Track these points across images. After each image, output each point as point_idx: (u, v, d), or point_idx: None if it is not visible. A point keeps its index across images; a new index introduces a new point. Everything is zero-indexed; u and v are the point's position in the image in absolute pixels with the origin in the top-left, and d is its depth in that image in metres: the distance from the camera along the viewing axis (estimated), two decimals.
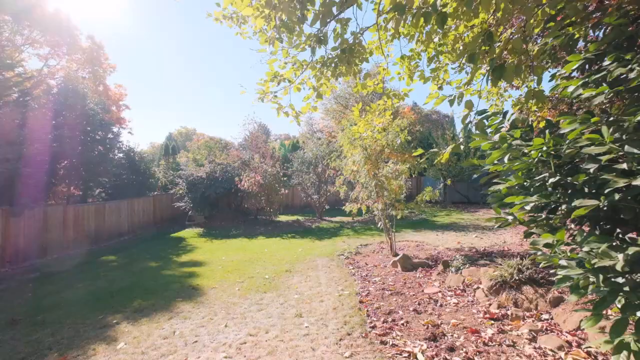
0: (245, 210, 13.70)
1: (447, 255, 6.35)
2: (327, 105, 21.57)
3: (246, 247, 8.74)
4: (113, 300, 4.90)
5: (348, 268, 6.02)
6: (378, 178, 6.45)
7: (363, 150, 6.29)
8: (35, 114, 9.06)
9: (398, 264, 5.62)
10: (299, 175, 13.32)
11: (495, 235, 8.01)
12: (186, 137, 52.13)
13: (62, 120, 9.96)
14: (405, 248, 7.40)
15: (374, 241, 8.50)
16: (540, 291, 3.27)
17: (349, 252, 7.30)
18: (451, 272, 4.87)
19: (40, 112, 9.34)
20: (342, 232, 10.29)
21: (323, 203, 13.22)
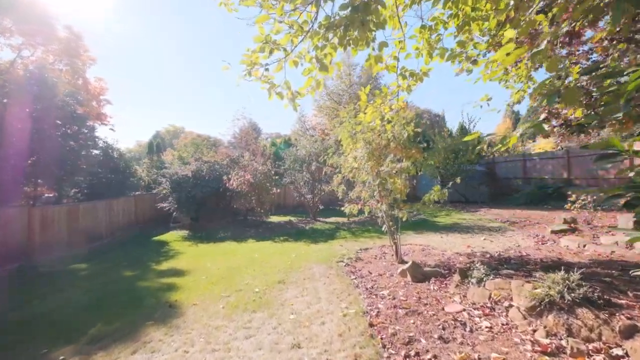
0: (234, 210, 12.85)
1: (458, 261, 5.70)
2: (320, 102, 20.81)
3: (235, 252, 7.94)
4: (67, 325, 4.05)
5: (350, 278, 5.30)
6: (382, 176, 5.75)
7: (366, 144, 5.58)
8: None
9: (407, 273, 4.93)
10: (292, 173, 12.54)
11: (505, 237, 7.43)
12: (174, 135, 50.66)
13: (28, 112, 8.92)
14: (409, 253, 6.73)
15: (374, 245, 7.81)
16: (602, 316, 2.62)
17: (348, 258, 6.59)
18: (472, 284, 4.21)
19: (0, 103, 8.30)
20: (339, 234, 9.58)
21: (317, 203, 12.49)
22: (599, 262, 4.50)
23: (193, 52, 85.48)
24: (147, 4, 66.90)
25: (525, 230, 8.00)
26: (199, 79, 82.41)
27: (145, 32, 63.47)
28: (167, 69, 77.80)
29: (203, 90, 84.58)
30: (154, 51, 71.11)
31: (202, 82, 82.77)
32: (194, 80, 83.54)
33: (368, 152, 5.50)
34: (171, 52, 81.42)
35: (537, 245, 6.25)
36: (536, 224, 8.77)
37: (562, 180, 13.48)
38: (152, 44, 70.24)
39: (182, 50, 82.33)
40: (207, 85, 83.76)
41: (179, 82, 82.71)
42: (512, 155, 17.21)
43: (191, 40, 74.05)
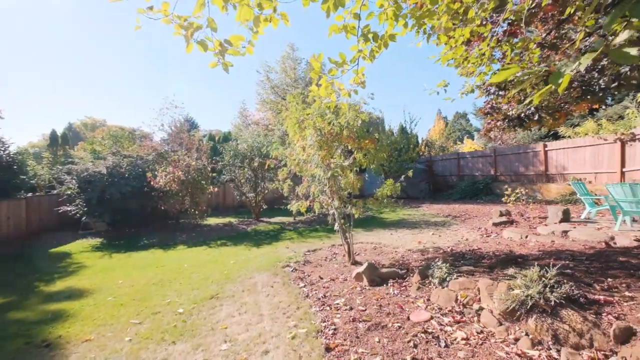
0: (162, 213, 11.11)
1: (413, 259, 5.37)
2: (263, 96, 19.66)
3: (159, 262, 6.58)
4: None
5: (298, 286, 4.55)
6: (334, 169, 5.13)
7: (316, 131, 4.89)
8: None
9: (363, 276, 4.36)
10: (231, 170, 11.31)
11: (451, 231, 7.45)
12: (93, 128, 44.12)
13: None
14: (361, 252, 6.25)
15: (323, 245, 7.19)
16: (590, 317, 2.30)
17: (296, 262, 5.84)
18: (434, 286, 3.80)
19: None
20: (284, 235, 8.76)
21: (260, 202, 11.47)
22: (548, 253, 4.50)
23: (123, 37, 75.79)
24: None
25: (468, 224, 8.21)
26: (125, 68, 73.45)
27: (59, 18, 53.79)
28: (83, 52, 67.48)
29: (129, 80, 75.67)
30: (69, 37, 60.88)
31: (128, 70, 73.97)
32: (118, 68, 74.20)
33: (318, 140, 4.81)
34: (95, 36, 70.97)
35: (483, 239, 6.29)
36: (475, 217, 9.13)
37: (490, 176, 14.67)
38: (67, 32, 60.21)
39: (110, 33, 72.30)
40: (134, 73, 75.19)
41: (99, 70, 72.58)
42: (448, 154, 18.36)
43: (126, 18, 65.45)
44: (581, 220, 6.69)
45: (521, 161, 13.48)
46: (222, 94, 72.47)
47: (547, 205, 9.43)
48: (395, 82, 79.52)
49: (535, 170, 12.84)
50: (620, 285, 2.92)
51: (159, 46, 72.74)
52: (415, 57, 75.71)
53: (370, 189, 15.62)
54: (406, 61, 78.41)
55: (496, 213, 8.02)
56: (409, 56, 77.09)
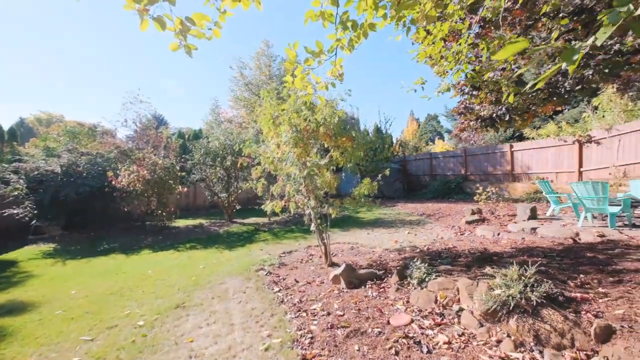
0: (126, 215, 10.35)
1: (390, 259, 5.29)
2: (237, 93, 19.07)
3: (120, 269, 6.04)
4: None
5: (272, 290, 4.30)
6: (310, 167, 4.93)
7: (292, 128, 4.67)
8: None
9: (341, 279, 4.20)
10: (203, 169, 10.76)
11: (426, 230, 7.51)
12: (48, 124, 40.79)
13: None
14: (338, 253, 6.11)
15: (299, 246, 6.97)
16: (570, 317, 2.27)
17: (270, 265, 5.57)
18: (413, 287, 3.71)
19: None
20: (259, 236, 8.44)
21: (233, 202, 11.02)
22: (520, 250, 4.59)
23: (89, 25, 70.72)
24: None
25: (442, 222, 8.33)
26: (84, 59, 68.53)
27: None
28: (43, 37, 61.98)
29: (90, 73, 70.78)
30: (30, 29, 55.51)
31: (87, 61, 69.10)
32: (76, 60, 69.20)
33: (294, 137, 4.59)
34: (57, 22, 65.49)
35: (458, 237, 6.37)
36: (448, 215, 9.31)
37: (461, 176, 15.15)
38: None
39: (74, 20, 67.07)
40: (95, 65, 70.39)
41: (53, 61, 67.24)
42: (421, 154, 18.78)
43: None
44: (547, 218, 6.98)
45: (490, 161, 14.02)
46: (194, 91, 69.81)
47: (514, 203, 9.83)
48: (369, 84, 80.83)
49: (503, 169, 13.41)
50: (592, 281, 2.97)
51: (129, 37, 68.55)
52: (391, 58, 77.39)
53: (347, 188, 15.59)
54: (381, 62, 79.95)
55: (468, 211, 8.21)
56: (384, 57, 78.63)
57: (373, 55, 75.84)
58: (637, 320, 2.13)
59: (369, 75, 78.78)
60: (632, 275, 3.00)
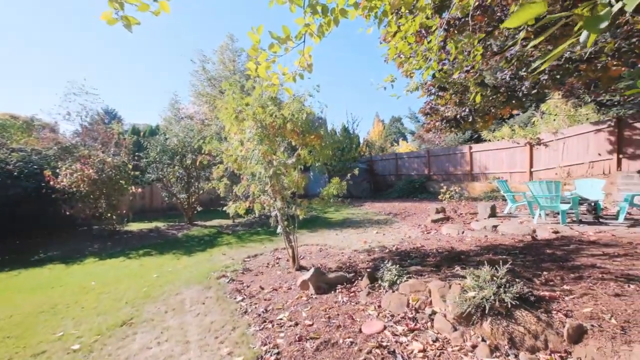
0: (69, 219, 9.23)
1: (360, 260, 5.16)
2: (199, 88, 18.08)
3: (57, 281, 5.28)
4: None
5: (235, 300, 3.95)
6: (276, 166, 4.64)
7: (257, 123, 4.34)
8: None
9: (309, 284, 3.96)
10: (159, 168, 9.94)
11: (393, 229, 7.54)
12: None
13: None
14: (306, 255, 5.87)
15: (265, 249, 6.62)
16: (543, 317, 2.24)
17: (233, 271, 5.19)
18: (384, 290, 3.58)
19: None
20: (221, 239, 7.93)
21: (194, 204, 10.33)
22: (485, 248, 4.68)
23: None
24: None
25: (408, 221, 8.44)
26: (30, 48, 61.05)
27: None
28: None
29: (30, 60, 63.35)
30: None
31: (35, 52, 61.76)
32: (24, 49, 61.57)
33: (259, 133, 4.27)
34: None
35: (425, 236, 6.43)
36: (414, 214, 9.48)
37: (425, 176, 15.66)
38: None
39: None
40: (36, 51, 63.11)
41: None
42: (387, 154, 19.17)
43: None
44: (505, 215, 7.33)
45: (451, 162, 14.64)
46: (152, 85, 65.35)
47: (473, 202, 10.29)
48: (336, 84, 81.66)
49: (463, 170, 14.06)
50: (555, 278, 3.03)
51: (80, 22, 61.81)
52: (359, 59, 78.77)
53: (314, 188, 15.42)
54: (348, 64, 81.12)
55: (433, 210, 8.40)
56: (351, 59, 79.88)
57: (340, 56, 76.71)
58: (604, 318, 2.14)
59: (336, 75, 79.57)
60: (590, 271, 3.11)
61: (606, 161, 9.43)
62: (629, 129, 8.95)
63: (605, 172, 9.44)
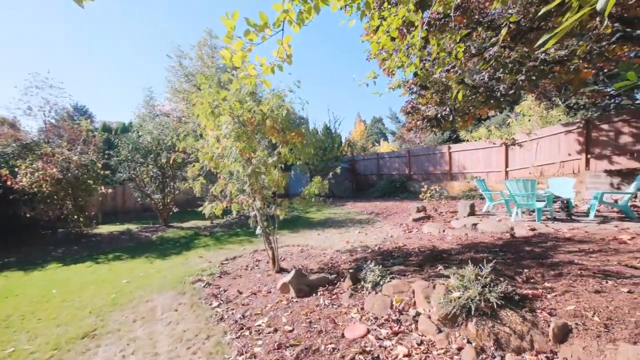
0: (30, 222, 8.55)
1: (342, 260, 5.05)
2: (176, 85, 17.40)
3: (12, 290, 4.82)
4: None
5: (210, 306, 3.73)
6: (256, 165, 4.44)
7: (234, 119, 4.13)
8: None
9: (290, 287, 3.80)
10: (131, 167, 9.43)
11: (376, 229, 7.50)
12: None
13: None
14: (287, 257, 5.70)
15: (244, 251, 6.39)
16: (528, 317, 2.19)
17: (210, 274, 4.94)
18: (367, 291, 3.48)
19: None
20: (198, 241, 7.60)
21: (170, 204, 9.88)
22: (466, 246, 4.69)
23: None
24: None
25: (390, 220, 8.44)
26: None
27: None
28: None
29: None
30: None
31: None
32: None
33: (236, 129, 4.05)
34: None
35: (407, 234, 6.42)
36: (395, 213, 9.51)
37: (405, 175, 15.85)
38: None
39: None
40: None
41: None
42: (368, 154, 19.27)
43: None
44: (483, 214, 7.47)
45: (430, 161, 14.88)
46: (126, 81, 62.55)
47: (452, 201, 10.47)
48: (318, 84, 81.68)
49: (442, 169, 14.32)
50: (536, 275, 3.04)
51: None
52: (341, 59, 79.10)
53: (296, 188, 15.23)
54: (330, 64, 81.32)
55: (414, 209, 8.45)
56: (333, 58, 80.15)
57: (322, 56, 76.79)
58: (587, 315, 2.13)
59: (318, 75, 79.58)
60: (569, 267, 3.14)
61: (575, 161, 9.85)
62: (596, 130, 9.39)
63: (574, 172, 9.86)
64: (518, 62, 5.97)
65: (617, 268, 3.03)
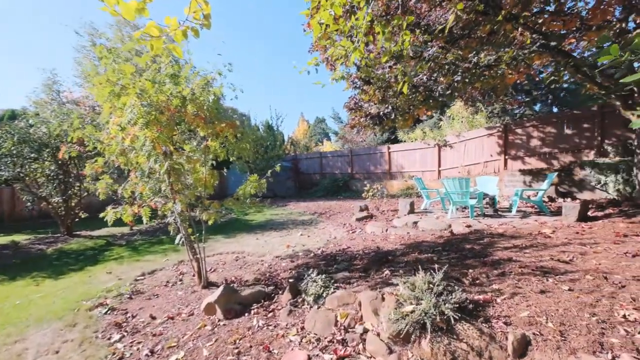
0: None
1: (282, 268, 4.54)
2: (88, 68, 14.84)
3: None
4: None
5: (108, 341, 2.89)
6: (175, 160, 3.68)
7: (143, 99, 3.30)
8: None
9: (216, 307, 3.16)
10: (18, 164, 7.53)
11: (319, 230, 7.14)
12: None
13: None
14: (219, 267, 4.97)
15: (167, 263, 5.46)
16: (485, 330, 1.96)
17: (117, 296, 3.99)
18: (309, 306, 3.02)
19: None
20: (110, 253, 6.34)
21: (75, 209, 8.18)
22: (410, 246, 4.57)
23: None
24: None
25: (333, 220, 8.19)
26: None
27: None
28: None
29: None
30: None
31: None
32: None
33: (145, 115, 3.24)
34: None
35: (350, 235, 6.18)
36: (338, 213, 9.33)
37: (348, 174, 15.97)
38: None
39: None
40: None
41: None
42: (312, 153, 19.03)
43: None
44: (422, 211, 7.66)
45: (372, 161, 15.22)
46: (15, 59, 51.33)
47: (393, 199, 10.72)
48: (262, 83, 79.58)
49: (382, 169, 14.74)
50: (481, 276, 2.93)
51: None
52: (282, 59, 78.06)
53: (235, 188, 14.20)
54: (273, 62, 79.83)
55: (357, 208, 8.33)
56: (275, 58, 78.84)
57: (263, 56, 75.02)
58: (541, 322, 1.98)
59: (260, 73, 77.57)
60: (510, 265, 3.12)
61: (496, 161, 10.87)
62: (512, 134, 10.48)
63: (495, 171, 10.88)
64: (453, 64, 6.17)
65: (551, 264, 3.08)
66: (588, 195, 7.62)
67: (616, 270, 2.78)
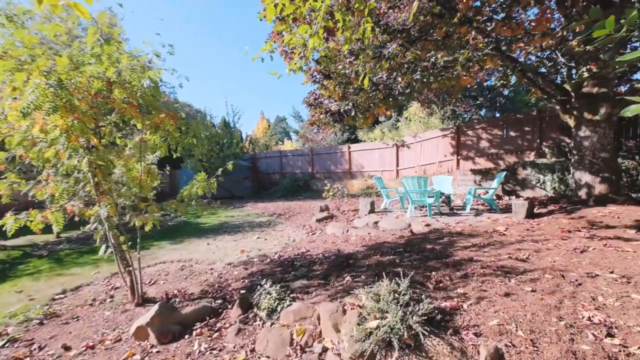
0: None
1: (234, 277, 4.08)
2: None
3: None
4: None
5: None
6: (102, 155, 3.06)
7: (49, 79, 2.66)
8: None
9: (149, 331, 2.64)
10: None
11: (277, 232, 6.74)
12: None
13: None
14: (160, 279, 4.36)
15: (97, 276, 4.68)
16: (456, 344, 1.76)
17: (22, 322, 3.25)
18: (261, 322, 2.65)
19: None
20: (26, 267, 5.32)
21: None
22: (371, 248, 4.39)
23: None
24: None
25: (292, 222, 7.83)
26: None
27: None
28: None
29: None
30: None
31: None
32: None
33: (50, 95, 2.60)
34: None
35: (310, 237, 5.87)
36: (298, 213, 8.99)
37: (308, 174, 15.69)
38: None
39: None
40: None
41: None
42: (271, 152, 18.45)
43: None
44: (382, 211, 7.63)
45: (332, 160, 15.11)
46: None
47: (353, 199, 10.66)
48: (223, 80, 76.30)
49: (343, 168, 14.70)
50: (444, 278, 2.80)
51: None
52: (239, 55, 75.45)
53: None
54: (230, 57, 76.86)
55: (317, 209, 8.07)
56: (233, 52, 75.99)
57: (220, 51, 72.00)
58: (512, 331, 1.85)
59: (218, 70, 74.25)
60: (471, 266, 3.04)
61: (450, 161, 11.35)
62: (464, 135, 11.01)
63: (449, 170, 11.36)
64: (412, 63, 6.18)
65: (510, 262, 3.06)
66: (530, 193, 8.18)
67: (570, 267, 2.82)
